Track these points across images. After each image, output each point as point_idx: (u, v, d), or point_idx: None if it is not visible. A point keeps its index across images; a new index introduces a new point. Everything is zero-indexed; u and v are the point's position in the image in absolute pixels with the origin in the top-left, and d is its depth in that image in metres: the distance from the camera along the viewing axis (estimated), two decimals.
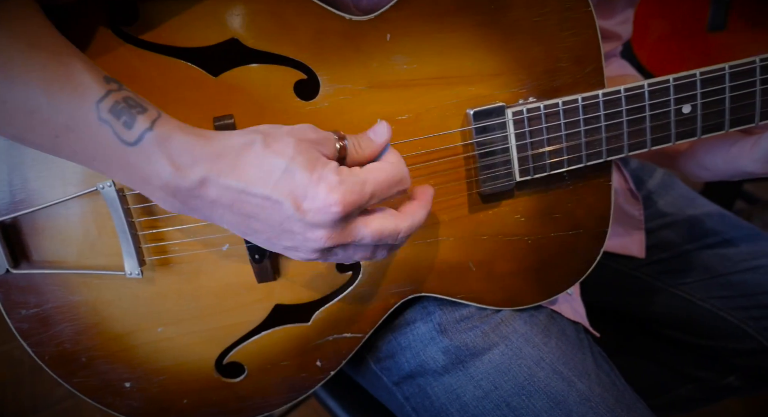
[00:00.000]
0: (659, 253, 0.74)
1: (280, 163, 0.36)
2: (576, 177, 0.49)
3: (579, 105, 0.45)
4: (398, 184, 0.38)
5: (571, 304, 0.59)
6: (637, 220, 0.74)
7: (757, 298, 0.69)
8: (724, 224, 0.74)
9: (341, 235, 0.37)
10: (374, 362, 0.58)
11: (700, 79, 0.44)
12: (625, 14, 0.69)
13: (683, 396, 0.81)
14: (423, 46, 0.45)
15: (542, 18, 0.45)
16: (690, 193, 0.78)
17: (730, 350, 0.72)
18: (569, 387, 0.48)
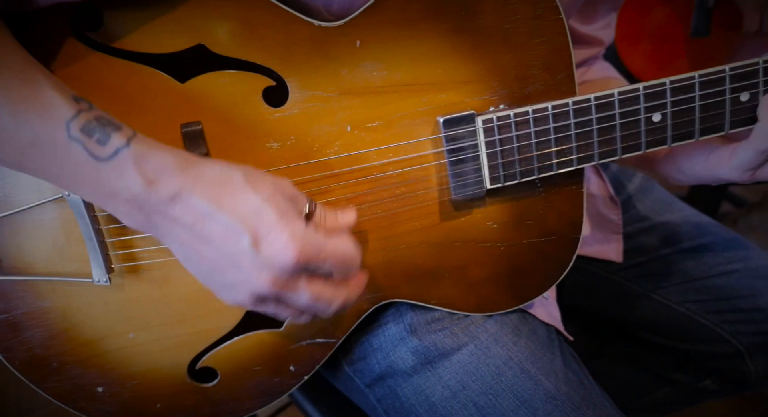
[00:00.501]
0: (637, 257, 0.75)
1: (255, 200, 0.37)
2: (548, 184, 0.49)
3: (549, 113, 0.45)
4: (349, 264, 0.40)
5: (547, 308, 0.60)
6: (615, 224, 0.74)
7: (731, 303, 0.70)
8: (700, 229, 0.75)
9: (284, 285, 0.37)
10: (348, 365, 0.59)
11: (670, 88, 0.44)
12: (607, 19, 0.69)
13: (661, 399, 0.82)
14: (393, 53, 0.45)
15: (513, 25, 0.44)
16: (668, 198, 0.79)
17: (706, 353, 0.73)
18: (536, 386, 0.48)
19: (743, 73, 0.43)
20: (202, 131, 0.44)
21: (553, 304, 0.63)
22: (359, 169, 0.47)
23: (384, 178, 0.47)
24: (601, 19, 0.68)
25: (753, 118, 0.45)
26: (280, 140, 0.45)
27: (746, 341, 0.70)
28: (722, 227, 0.76)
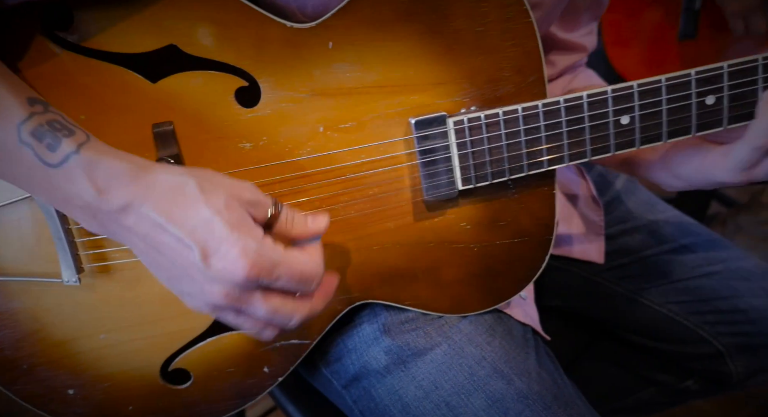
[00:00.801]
0: (619, 258, 0.75)
1: (205, 212, 0.36)
2: (520, 185, 0.50)
3: (519, 115, 0.45)
4: (307, 281, 0.39)
5: (524, 308, 0.60)
6: (597, 226, 0.75)
7: (711, 304, 0.71)
8: (682, 230, 0.75)
9: (237, 299, 0.37)
10: (324, 366, 0.59)
11: (637, 91, 0.45)
12: (589, 26, 0.70)
13: (645, 399, 0.83)
14: (366, 54, 0.45)
15: (484, 28, 0.45)
16: (651, 199, 0.80)
17: (688, 354, 0.74)
18: (508, 385, 0.48)
19: (708, 77, 0.44)
20: (173, 131, 0.44)
21: (530, 304, 0.63)
22: (332, 170, 0.47)
23: (357, 179, 0.48)
24: (584, 26, 0.70)
25: (719, 120, 0.46)
26: (253, 141, 0.45)
27: (727, 342, 0.71)
28: (704, 228, 0.77)
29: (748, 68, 0.44)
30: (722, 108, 0.45)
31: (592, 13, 0.69)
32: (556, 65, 0.70)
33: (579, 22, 0.68)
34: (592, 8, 0.68)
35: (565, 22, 0.67)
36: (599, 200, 0.76)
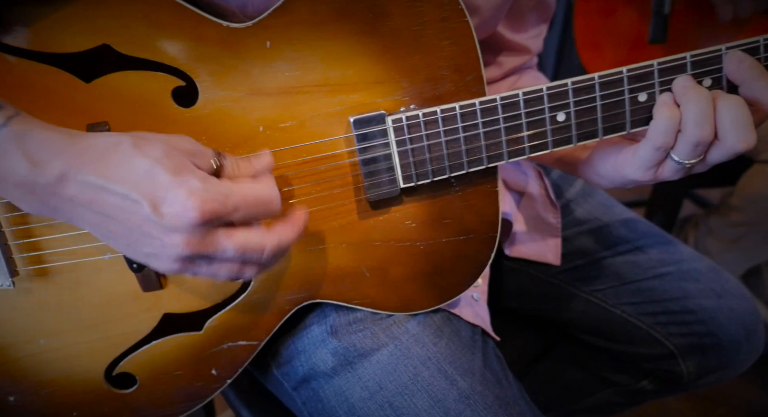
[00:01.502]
0: (575, 260, 0.77)
1: (143, 163, 0.36)
2: (463, 183, 0.51)
3: (457, 113, 0.46)
4: (266, 205, 0.39)
5: (474, 309, 0.61)
6: (554, 227, 0.76)
7: (663, 304, 0.72)
8: (637, 232, 0.77)
9: (201, 243, 0.37)
10: (276, 368, 0.58)
11: (571, 89, 0.46)
12: (537, 29, 0.72)
13: (604, 400, 0.84)
14: (304, 54, 0.46)
15: (421, 27, 0.46)
16: (609, 202, 0.81)
17: (641, 355, 0.75)
18: (451, 385, 0.49)
19: (639, 75, 0.46)
20: (109, 131, 0.44)
21: (482, 305, 0.64)
22: (274, 169, 0.47)
23: (299, 178, 0.48)
24: (532, 28, 0.71)
25: (650, 117, 0.47)
26: None
27: (678, 342, 0.72)
28: (659, 230, 0.79)
29: (677, 66, 0.45)
30: (654, 105, 0.46)
31: (539, 14, 0.70)
32: (503, 66, 0.71)
33: (526, 24, 0.70)
34: (538, 10, 0.69)
35: (512, 23, 0.69)
36: (556, 203, 0.77)
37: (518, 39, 0.70)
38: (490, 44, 0.71)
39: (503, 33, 0.69)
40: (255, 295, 0.51)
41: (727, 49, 0.45)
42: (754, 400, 1.32)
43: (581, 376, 0.85)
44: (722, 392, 1.35)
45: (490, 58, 0.72)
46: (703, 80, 0.46)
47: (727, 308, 0.70)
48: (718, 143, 0.44)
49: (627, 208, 0.81)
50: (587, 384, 0.85)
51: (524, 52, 0.71)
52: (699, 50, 0.45)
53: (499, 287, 0.83)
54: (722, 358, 0.72)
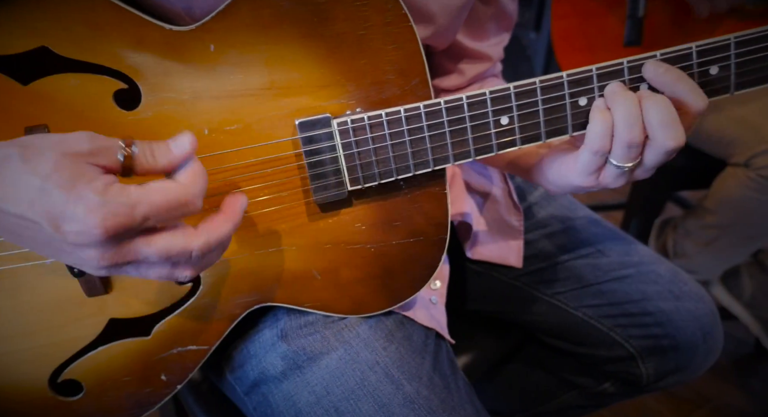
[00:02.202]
0: (537, 262, 0.78)
1: (34, 181, 0.34)
2: (412, 186, 0.52)
3: (402, 116, 0.47)
4: (181, 207, 0.37)
5: (430, 311, 0.62)
6: (516, 230, 0.78)
7: (623, 307, 0.74)
8: (599, 235, 0.79)
9: (118, 254, 0.36)
10: (229, 373, 0.59)
11: (514, 93, 0.47)
12: (498, 38, 0.74)
13: (568, 402, 0.86)
14: (249, 57, 0.47)
15: (366, 32, 0.47)
16: (572, 205, 0.83)
17: (603, 357, 0.76)
18: (396, 390, 0.49)
19: (579, 79, 0.47)
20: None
21: (439, 308, 0.65)
22: (219, 172, 0.48)
23: (245, 181, 0.49)
24: (492, 37, 0.73)
25: None
26: None
27: (637, 345, 0.74)
28: (621, 233, 0.81)
29: (615, 71, 0.47)
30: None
31: (499, 24, 0.72)
32: (466, 74, 0.73)
33: (486, 33, 0.72)
34: (498, 19, 0.71)
35: (471, 32, 0.70)
36: (519, 205, 0.79)
37: (479, 47, 0.72)
38: (450, 52, 0.73)
39: (463, 41, 0.70)
40: (204, 299, 0.52)
41: (662, 55, 0.47)
42: (734, 402, 1.35)
43: (546, 378, 0.87)
44: (702, 394, 1.39)
45: (451, 66, 0.74)
46: (640, 85, 0.48)
47: (685, 310, 0.72)
48: (650, 143, 0.46)
49: (591, 211, 0.83)
50: (552, 386, 0.86)
51: (485, 60, 0.73)
52: (635, 56, 0.47)
53: (462, 290, 0.84)
54: (680, 359, 0.73)
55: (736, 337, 1.52)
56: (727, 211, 1.21)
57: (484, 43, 0.72)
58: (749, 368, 1.44)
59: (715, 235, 1.28)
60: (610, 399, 0.83)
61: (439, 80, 0.77)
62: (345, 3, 0.46)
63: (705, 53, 0.46)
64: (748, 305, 1.37)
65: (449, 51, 0.72)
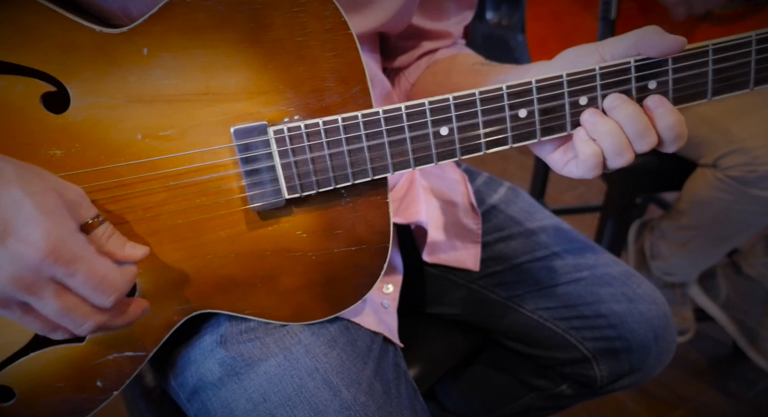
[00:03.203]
0: (494, 265, 0.80)
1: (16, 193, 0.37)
2: (353, 194, 0.52)
3: (339, 125, 0.48)
4: (105, 290, 0.39)
5: (380, 316, 0.63)
6: (474, 234, 0.79)
7: (577, 309, 0.76)
8: (556, 237, 0.81)
9: (27, 286, 0.37)
10: (173, 378, 0.59)
11: (453, 104, 0.48)
12: (461, 16, 0.74)
13: (528, 405, 0.88)
14: (184, 62, 0.47)
15: (304, 38, 0.48)
16: (532, 207, 0.85)
17: (558, 360, 0.78)
18: (334, 396, 0.50)
19: (518, 92, 0.48)
20: None
21: (391, 312, 0.66)
22: (153, 178, 0.48)
23: (181, 187, 0.49)
24: (454, 16, 0.73)
25: (533, 132, 0.50)
26: (64, 147, 0.46)
27: (591, 347, 0.76)
28: (579, 236, 0.82)
29: (554, 84, 0.48)
30: (534, 121, 0.49)
31: (459, 2, 0.73)
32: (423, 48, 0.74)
33: (448, 12, 0.72)
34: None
35: (429, 13, 0.71)
36: (477, 209, 0.80)
37: (440, 26, 0.72)
38: (409, 34, 0.73)
39: (420, 23, 0.71)
40: None
41: (601, 69, 0.48)
42: (711, 403, 1.39)
43: (507, 380, 0.89)
44: (680, 394, 1.43)
45: (405, 46, 0.74)
46: (579, 98, 0.49)
47: (637, 312, 0.74)
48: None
49: (550, 214, 0.85)
50: (512, 389, 0.88)
51: (446, 37, 0.74)
52: (575, 69, 0.48)
53: (421, 293, 0.86)
54: (633, 361, 0.76)
55: (714, 337, 1.56)
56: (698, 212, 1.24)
57: (445, 22, 0.73)
58: (727, 369, 1.47)
59: (688, 236, 1.31)
60: (568, 401, 0.85)
61: (391, 61, 0.77)
62: (282, 9, 0.46)
63: (643, 68, 0.48)
64: (724, 306, 1.41)
65: (405, 33, 0.73)
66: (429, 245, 0.77)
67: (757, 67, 0.47)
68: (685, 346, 1.55)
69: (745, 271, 1.37)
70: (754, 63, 0.47)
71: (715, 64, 0.47)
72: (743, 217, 1.18)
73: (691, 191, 1.24)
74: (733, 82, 0.47)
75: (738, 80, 0.47)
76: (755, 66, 0.47)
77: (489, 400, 0.92)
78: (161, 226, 0.50)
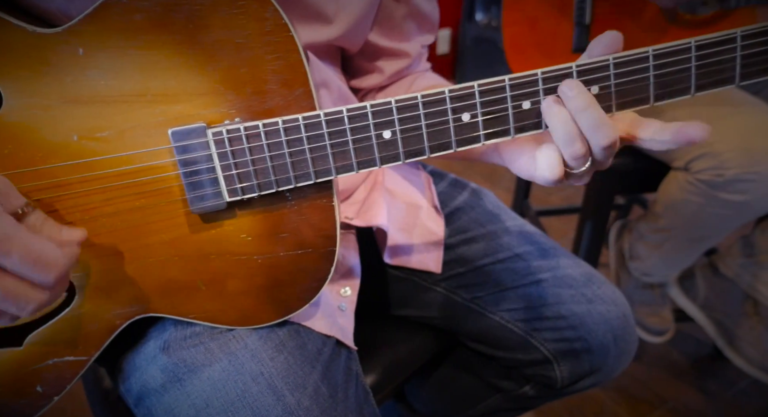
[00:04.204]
0: (457, 267, 0.81)
1: None
2: (299, 197, 0.53)
3: (280, 127, 0.48)
4: (44, 268, 0.39)
5: (335, 319, 0.64)
6: (437, 236, 0.80)
7: (538, 311, 0.77)
8: (519, 239, 0.82)
9: None
10: (121, 384, 0.59)
11: (395, 107, 0.49)
12: (422, 38, 0.76)
13: (494, 406, 0.89)
14: (121, 63, 0.47)
15: (245, 40, 0.48)
16: (497, 209, 0.86)
17: (521, 361, 0.80)
18: (277, 401, 0.51)
19: (461, 95, 0.49)
20: None
21: (347, 315, 0.67)
22: (91, 179, 0.48)
23: (119, 189, 0.49)
24: (414, 38, 0.75)
25: (477, 137, 0.51)
26: None
27: (552, 348, 0.77)
28: (543, 238, 0.84)
29: (496, 88, 0.49)
30: (478, 125, 0.50)
31: (420, 24, 0.74)
32: (384, 72, 0.75)
33: (405, 33, 0.73)
34: (415, 19, 0.73)
35: (387, 32, 0.72)
36: (441, 211, 0.81)
37: (400, 47, 0.73)
38: (367, 53, 0.74)
39: (378, 42, 0.72)
40: (81, 309, 0.52)
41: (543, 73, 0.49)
42: (691, 403, 1.41)
43: (472, 382, 0.90)
44: (660, 395, 1.45)
45: (369, 66, 0.75)
46: (522, 102, 0.50)
47: (597, 313, 0.76)
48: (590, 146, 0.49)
49: (515, 216, 0.86)
50: (478, 390, 0.89)
51: (404, 56, 0.75)
52: (519, 73, 0.49)
53: (386, 296, 0.87)
54: (593, 362, 0.77)
55: (695, 338, 1.58)
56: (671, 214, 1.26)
57: (404, 43, 0.74)
58: (707, 369, 1.50)
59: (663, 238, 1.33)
60: (532, 402, 0.86)
61: (358, 81, 0.78)
62: (221, 10, 0.46)
63: (585, 73, 0.49)
64: (703, 307, 1.44)
65: (365, 51, 0.74)
66: (391, 247, 0.77)
67: (698, 73, 0.48)
68: (667, 347, 1.57)
69: (722, 271, 1.39)
70: (695, 69, 0.48)
71: (656, 69, 0.48)
72: (714, 220, 1.21)
73: (666, 194, 1.26)
74: (675, 88, 0.48)
75: (679, 86, 0.48)
76: (695, 71, 0.48)
77: (456, 402, 0.93)
78: (100, 228, 0.50)
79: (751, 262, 1.36)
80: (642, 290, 1.50)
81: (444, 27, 2.85)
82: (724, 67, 0.47)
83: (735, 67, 0.47)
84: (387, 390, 0.84)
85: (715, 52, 0.46)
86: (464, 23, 2.84)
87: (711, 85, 0.48)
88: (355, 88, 0.80)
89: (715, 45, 0.46)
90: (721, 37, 0.46)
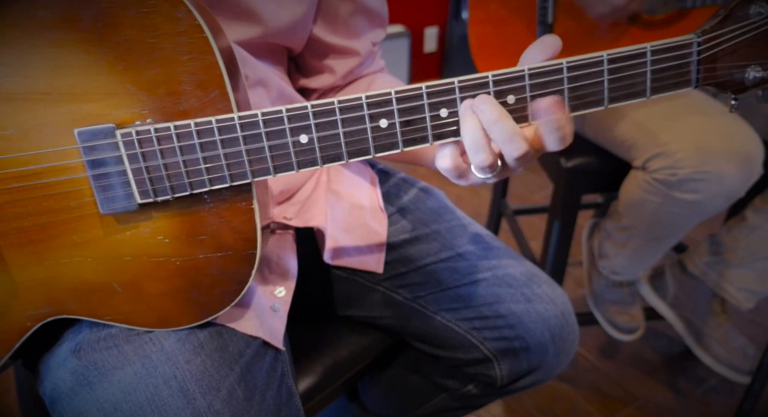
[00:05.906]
0: (399, 267, 0.82)
1: None
2: (217, 199, 0.54)
3: (192, 130, 0.49)
4: None
5: (264, 319, 0.65)
6: (380, 236, 0.82)
7: (478, 310, 0.79)
8: (462, 238, 0.84)
9: None
10: (38, 385, 0.60)
11: (311, 112, 0.50)
12: (372, 34, 0.76)
13: (441, 405, 0.92)
14: (27, 60, 0.47)
15: (157, 40, 0.48)
16: (442, 209, 0.87)
17: (462, 360, 0.82)
18: (187, 405, 0.52)
19: (378, 102, 0.49)
20: None
21: (279, 316, 0.68)
22: None
23: (26, 190, 0.49)
24: (364, 34, 0.75)
25: (395, 143, 0.52)
26: None
27: (491, 347, 0.79)
28: (487, 237, 0.86)
29: (413, 95, 0.50)
30: (396, 132, 0.51)
31: (370, 20, 0.74)
32: (336, 71, 0.75)
33: (354, 30, 0.74)
34: (364, 15, 0.73)
35: (334, 28, 0.72)
36: (384, 210, 0.83)
37: (350, 44, 0.74)
38: (314, 50, 0.74)
39: (325, 38, 0.72)
40: None
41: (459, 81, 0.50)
42: (662, 401, 1.45)
43: (419, 381, 0.92)
44: (631, 392, 1.49)
45: (319, 65, 0.76)
46: (440, 111, 0.51)
47: (535, 312, 0.78)
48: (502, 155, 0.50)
49: (461, 215, 0.88)
50: (425, 389, 0.92)
51: (353, 55, 0.76)
52: (436, 81, 0.50)
53: (330, 296, 0.88)
54: (532, 361, 0.79)
55: (667, 336, 1.62)
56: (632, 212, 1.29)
57: (353, 40, 0.75)
58: (678, 367, 1.54)
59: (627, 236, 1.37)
60: (476, 400, 0.89)
61: (309, 80, 0.78)
62: (131, 9, 0.47)
63: (501, 83, 0.50)
64: (672, 305, 1.48)
65: (314, 49, 0.74)
66: (333, 248, 0.79)
67: (610, 86, 0.50)
68: (639, 345, 1.61)
69: (690, 270, 1.43)
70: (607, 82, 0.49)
71: (570, 82, 0.50)
72: (671, 219, 1.24)
73: (626, 193, 1.29)
74: (589, 99, 0.50)
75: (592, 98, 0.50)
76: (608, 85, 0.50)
77: (405, 401, 0.96)
78: (7, 229, 0.50)
79: (717, 260, 1.40)
80: (612, 289, 1.54)
81: (431, 25, 2.87)
82: (635, 81, 0.49)
83: (646, 81, 0.48)
84: (327, 391, 0.86)
85: (626, 66, 0.48)
86: (451, 22, 2.86)
87: (623, 98, 0.49)
88: (307, 88, 0.81)
89: (626, 59, 0.48)
90: (632, 52, 0.48)
